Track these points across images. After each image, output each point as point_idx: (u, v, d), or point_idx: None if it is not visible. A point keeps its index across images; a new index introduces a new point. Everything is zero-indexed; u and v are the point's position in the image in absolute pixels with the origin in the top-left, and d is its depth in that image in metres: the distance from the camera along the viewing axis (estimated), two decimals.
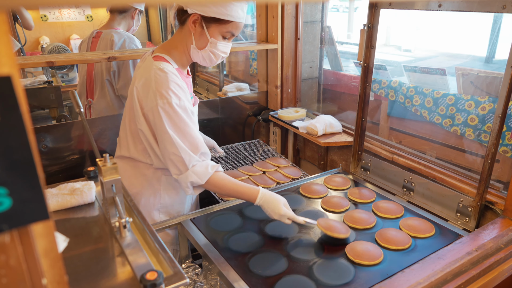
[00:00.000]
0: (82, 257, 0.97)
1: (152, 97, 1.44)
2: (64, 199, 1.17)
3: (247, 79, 3.56)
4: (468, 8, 1.46)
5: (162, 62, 1.49)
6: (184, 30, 1.54)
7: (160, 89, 1.42)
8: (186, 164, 1.45)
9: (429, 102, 2.20)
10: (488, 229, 1.40)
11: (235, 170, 2.10)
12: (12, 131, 0.43)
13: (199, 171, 1.46)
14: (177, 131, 1.44)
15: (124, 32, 2.48)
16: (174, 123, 1.43)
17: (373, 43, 1.82)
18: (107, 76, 2.47)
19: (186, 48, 1.56)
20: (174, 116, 1.43)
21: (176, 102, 1.43)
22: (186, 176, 1.46)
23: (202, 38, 1.52)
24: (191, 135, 1.46)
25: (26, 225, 0.45)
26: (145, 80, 1.47)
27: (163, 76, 1.44)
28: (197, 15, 1.47)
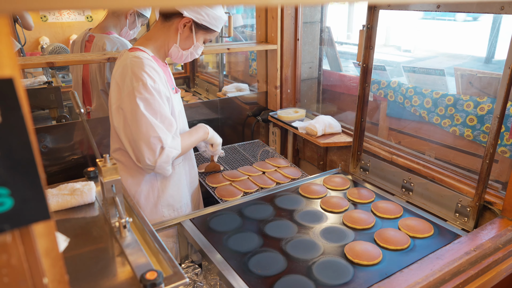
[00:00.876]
0: (82, 257, 0.97)
1: (128, 83, 1.47)
2: (64, 199, 1.17)
3: (246, 79, 3.57)
4: (467, 9, 1.46)
5: (137, 51, 1.54)
6: (169, 27, 1.59)
7: (135, 72, 1.46)
8: (164, 142, 1.49)
9: (428, 102, 2.20)
10: (486, 229, 1.40)
11: (234, 170, 2.11)
12: (14, 132, 0.43)
13: (172, 143, 1.52)
14: (152, 112, 1.48)
15: (117, 38, 2.41)
16: (150, 105, 1.47)
17: (372, 43, 1.82)
18: (101, 87, 2.43)
19: (166, 44, 1.62)
20: (150, 98, 1.47)
21: (151, 84, 1.47)
22: (167, 154, 1.50)
23: (187, 41, 1.61)
24: (166, 116, 1.51)
25: (27, 225, 0.46)
26: (122, 68, 1.50)
27: (138, 61, 1.48)
28: (189, 19, 1.55)
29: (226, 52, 3.18)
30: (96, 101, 2.49)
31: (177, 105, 1.67)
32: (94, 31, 2.44)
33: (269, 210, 1.68)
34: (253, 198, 1.78)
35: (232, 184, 1.99)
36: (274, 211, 1.67)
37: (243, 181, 2.00)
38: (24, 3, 0.33)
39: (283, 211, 1.67)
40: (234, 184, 1.97)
